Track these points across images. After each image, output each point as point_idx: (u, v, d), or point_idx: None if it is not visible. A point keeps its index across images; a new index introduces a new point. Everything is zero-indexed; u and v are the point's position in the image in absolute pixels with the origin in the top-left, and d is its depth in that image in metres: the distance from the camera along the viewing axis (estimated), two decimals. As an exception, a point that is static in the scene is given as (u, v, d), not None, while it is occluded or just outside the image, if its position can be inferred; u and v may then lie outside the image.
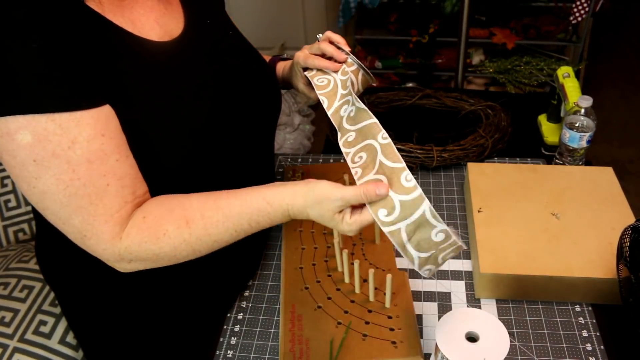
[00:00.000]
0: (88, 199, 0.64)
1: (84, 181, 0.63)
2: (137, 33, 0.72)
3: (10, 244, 1.23)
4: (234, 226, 0.70)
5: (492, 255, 0.90)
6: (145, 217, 0.68)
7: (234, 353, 0.85)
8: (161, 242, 0.67)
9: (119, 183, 0.66)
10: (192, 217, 0.68)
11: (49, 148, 0.61)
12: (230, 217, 0.69)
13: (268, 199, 0.69)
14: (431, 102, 1.41)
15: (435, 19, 2.51)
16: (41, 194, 0.63)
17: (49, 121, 0.61)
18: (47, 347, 0.96)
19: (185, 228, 0.68)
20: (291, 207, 0.69)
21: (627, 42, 3.32)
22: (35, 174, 0.62)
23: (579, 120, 1.10)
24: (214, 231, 0.69)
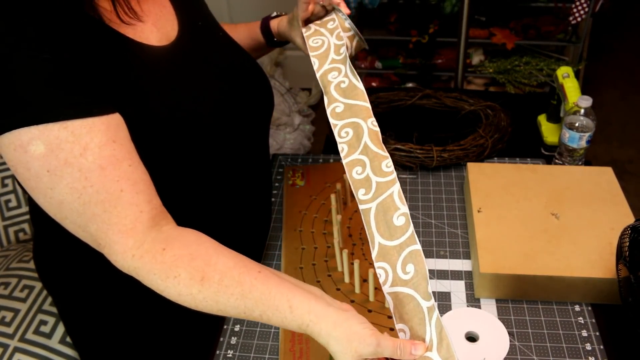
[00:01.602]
0: (102, 206, 0.63)
1: (97, 188, 0.62)
2: (137, 39, 0.72)
3: (10, 243, 1.23)
4: (244, 308, 0.64)
5: (492, 255, 0.90)
6: (165, 250, 0.64)
7: (234, 353, 0.85)
8: (168, 283, 0.64)
9: (133, 188, 0.65)
10: (210, 277, 0.63)
11: (62, 157, 0.61)
12: (246, 298, 0.63)
13: (293, 304, 0.63)
14: (431, 102, 1.41)
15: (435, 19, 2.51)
16: (58, 205, 0.63)
17: (62, 129, 0.60)
18: (47, 346, 0.96)
19: (198, 284, 0.63)
20: (313, 326, 0.62)
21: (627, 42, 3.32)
22: (50, 185, 0.61)
23: (579, 120, 1.10)
24: (222, 300, 0.64)
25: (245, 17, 2.71)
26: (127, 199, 0.64)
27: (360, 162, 0.73)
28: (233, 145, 0.81)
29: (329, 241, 1.01)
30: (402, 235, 0.65)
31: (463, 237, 1.03)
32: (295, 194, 1.13)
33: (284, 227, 1.05)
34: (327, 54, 0.82)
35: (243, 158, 0.85)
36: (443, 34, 2.52)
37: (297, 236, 1.03)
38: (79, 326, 0.91)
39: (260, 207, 0.95)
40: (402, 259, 0.65)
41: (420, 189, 1.14)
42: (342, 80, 0.79)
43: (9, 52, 0.59)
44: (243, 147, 0.84)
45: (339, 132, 0.75)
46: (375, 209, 0.68)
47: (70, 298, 0.89)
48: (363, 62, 2.67)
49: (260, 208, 0.95)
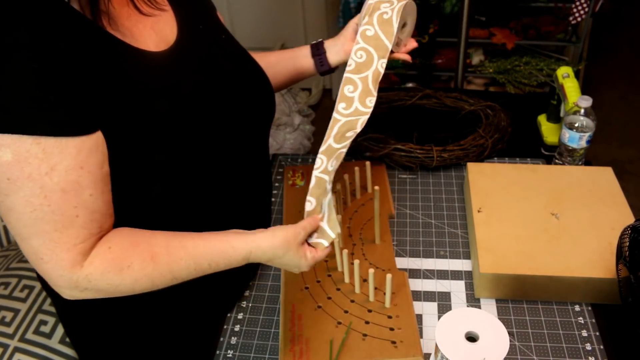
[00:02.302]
0: (53, 226, 0.63)
1: (53, 208, 0.63)
2: (134, 43, 0.71)
3: (10, 243, 1.23)
4: (194, 265, 0.72)
5: (492, 255, 0.90)
6: (110, 248, 0.68)
7: (234, 353, 0.85)
8: (124, 274, 0.67)
9: (89, 217, 0.66)
10: (158, 253, 0.70)
11: (26, 170, 0.61)
12: (194, 256, 0.72)
13: (233, 244, 0.74)
14: (431, 102, 1.41)
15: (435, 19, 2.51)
16: (7, 210, 0.63)
17: (34, 144, 0.60)
18: (47, 346, 0.96)
19: (150, 262, 0.69)
20: (255, 251, 0.74)
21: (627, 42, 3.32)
22: (6, 191, 0.62)
23: (579, 120, 1.10)
24: (175, 268, 0.71)
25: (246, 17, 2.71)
26: (80, 224, 0.65)
27: (354, 84, 0.88)
28: (233, 147, 0.81)
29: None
30: (343, 145, 0.83)
31: (463, 237, 1.03)
32: (295, 194, 1.13)
33: (284, 227, 1.05)
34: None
35: (243, 160, 0.85)
36: (443, 34, 2.51)
37: (297, 236, 1.02)
38: (78, 327, 0.91)
39: (260, 207, 0.95)
40: (334, 157, 0.82)
41: (420, 189, 1.14)
42: (386, 12, 0.89)
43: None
44: (243, 150, 0.84)
45: (356, 50, 0.89)
46: (343, 123, 0.85)
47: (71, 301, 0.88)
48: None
49: (260, 208, 0.95)
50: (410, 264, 0.98)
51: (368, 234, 1.02)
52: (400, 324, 0.85)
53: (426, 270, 0.97)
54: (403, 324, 0.85)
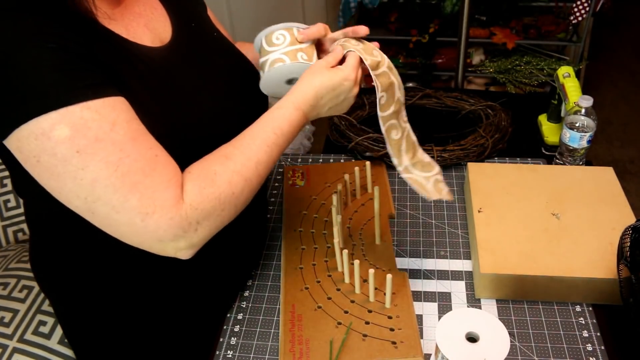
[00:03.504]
0: (142, 173, 0.62)
1: (134, 157, 0.62)
2: (132, 39, 0.72)
3: (9, 244, 1.23)
4: (263, 142, 0.72)
5: (492, 255, 0.90)
6: (190, 172, 0.68)
7: (233, 353, 0.85)
8: (217, 182, 0.68)
9: (164, 154, 0.66)
10: (228, 152, 0.71)
11: (91, 135, 0.60)
12: (256, 134, 0.73)
13: (277, 104, 0.76)
14: (431, 102, 1.41)
15: (435, 19, 2.51)
16: (91, 184, 0.61)
17: (84, 109, 0.60)
18: (46, 347, 0.96)
19: (229, 160, 0.70)
20: (296, 93, 0.76)
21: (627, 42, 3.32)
22: (81, 165, 0.60)
23: (580, 120, 1.10)
24: (251, 153, 0.71)
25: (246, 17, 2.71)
26: (162, 161, 0.65)
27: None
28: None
29: (329, 241, 1.01)
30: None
31: (463, 237, 1.03)
32: (295, 194, 1.13)
33: (284, 227, 1.05)
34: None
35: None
36: (443, 34, 2.52)
37: (297, 236, 1.02)
38: (77, 327, 0.91)
39: (257, 206, 0.95)
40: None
41: (420, 189, 1.14)
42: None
43: (14, 45, 0.59)
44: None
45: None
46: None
47: (68, 299, 0.88)
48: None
49: (257, 208, 0.95)
50: (411, 264, 0.98)
51: (368, 234, 1.02)
52: (400, 325, 0.85)
53: (426, 271, 0.97)
54: (403, 324, 0.85)
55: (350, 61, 0.80)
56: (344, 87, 0.79)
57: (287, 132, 0.75)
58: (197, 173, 0.68)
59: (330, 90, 0.78)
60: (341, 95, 0.79)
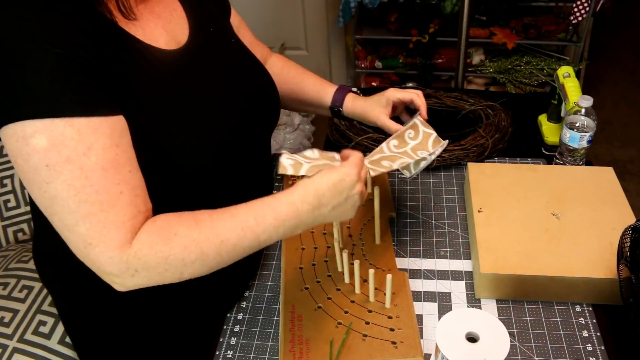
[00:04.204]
0: (99, 206, 0.63)
1: (96, 188, 0.62)
2: (147, 40, 0.72)
3: (9, 244, 1.23)
4: (240, 223, 0.68)
5: (492, 255, 0.90)
6: (155, 221, 0.67)
7: (233, 353, 0.85)
8: (172, 243, 0.65)
9: (132, 192, 0.65)
10: (201, 219, 0.68)
11: (64, 153, 0.60)
12: (237, 215, 0.69)
13: (274, 195, 0.72)
14: (431, 102, 1.41)
15: (436, 19, 2.51)
16: (51, 199, 0.62)
17: (67, 126, 0.60)
18: (46, 347, 0.96)
19: (195, 227, 0.67)
20: (298, 188, 0.72)
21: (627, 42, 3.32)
22: (47, 179, 0.61)
23: (580, 120, 1.10)
24: (221, 230, 0.68)
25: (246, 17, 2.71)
26: (126, 201, 0.64)
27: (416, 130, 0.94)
28: (237, 149, 0.81)
29: (329, 241, 1.01)
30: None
31: (463, 237, 1.03)
32: (295, 194, 1.12)
33: (283, 227, 1.05)
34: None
35: (246, 163, 0.85)
36: (443, 34, 2.51)
37: (297, 236, 1.02)
38: (79, 325, 0.91)
39: None
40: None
41: (420, 189, 1.14)
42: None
43: (22, 44, 0.59)
44: (247, 153, 0.84)
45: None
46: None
47: (70, 297, 0.89)
48: (363, 61, 2.67)
49: None
50: (411, 264, 0.98)
51: (368, 234, 1.02)
52: (400, 325, 0.85)
53: (426, 271, 0.97)
54: (403, 324, 0.85)
55: (352, 159, 0.76)
56: (345, 183, 0.73)
57: (269, 222, 0.69)
58: (159, 226, 0.67)
59: (330, 186, 0.72)
60: (343, 193, 0.73)
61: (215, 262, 0.69)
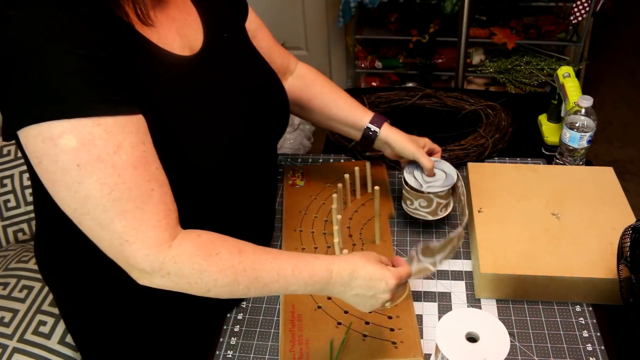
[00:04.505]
0: (133, 203, 0.63)
1: (129, 185, 0.62)
2: (161, 45, 0.72)
3: (9, 244, 1.23)
4: (278, 268, 0.70)
5: (492, 255, 0.90)
6: (200, 235, 0.68)
7: (233, 353, 0.85)
8: (211, 261, 0.67)
9: (162, 190, 0.66)
10: (245, 249, 0.70)
11: (94, 152, 0.60)
12: (278, 259, 0.71)
13: (317, 255, 0.75)
14: (431, 102, 1.41)
15: (436, 19, 2.51)
16: (83, 199, 0.62)
17: (95, 125, 0.60)
18: (46, 347, 0.96)
19: (237, 256, 0.69)
20: (337, 261, 0.74)
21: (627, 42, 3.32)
22: (77, 179, 0.61)
23: (580, 120, 1.10)
24: (259, 267, 0.70)
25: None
26: (157, 198, 0.65)
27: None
28: (245, 157, 0.81)
29: (329, 241, 1.01)
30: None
31: (463, 237, 1.02)
32: (295, 194, 1.13)
33: (284, 227, 1.05)
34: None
35: (253, 169, 0.85)
36: (443, 34, 2.51)
37: (297, 236, 1.02)
38: (80, 324, 0.91)
39: (265, 212, 0.95)
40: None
41: (420, 188, 1.14)
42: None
43: (44, 44, 0.59)
44: (254, 160, 0.85)
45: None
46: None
47: (72, 296, 0.89)
48: (363, 61, 2.67)
49: (265, 213, 0.95)
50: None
51: (368, 234, 1.02)
52: (400, 325, 0.85)
53: (426, 271, 0.96)
54: (403, 324, 0.85)
55: (400, 270, 0.78)
56: (381, 285, 0.75)
57: (303, 279, 0.72)
58: (203, 240, 0.68)
59: (367, 279, 0.74)
60: (372, 290, 0.75)
61: (241, 293, 0.70)
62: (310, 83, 1.05)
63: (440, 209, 1.00)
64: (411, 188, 0.98)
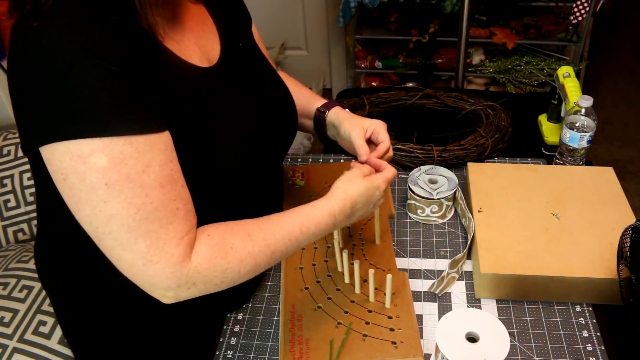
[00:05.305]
0: (159, 223, 0.62)
1: (156, 205, 0.62)
2: (182, 56, 0.72)
3: (9, 244, 1.23)
4: (288, 234, 0.73)
5: (492, 255, 0.90)
6: (209, 235, 0.68)
7: (233, 353, 0.85)
8: (229, 257, 0.68)
9: (186, 207, 0.66)
10: (252, 230, 0.71)
11: (124, 171, 0.60)
12: (284, 226, 0.73)
13: (314, 204, 0.77)
14: (431, 102, 1.41)
15: (436, 19, 2.51)
16: (108, 218, 0.60)
17: (126, 144, 0.60)
18: (46, 347, 0.96)
19: (249, 240, 0.69)
20: (334, 195, 0.78)
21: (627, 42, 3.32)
22: (104, 198, 0.60)
23: (580, 120, 1.10)
24: (271, 240, 0.71)
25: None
26: (181, 216, 0.65)
27: None
28: (257, 165, 0.82)
29: (329, 241, 1.01)
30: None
31: (463, 237, 1.03)
32: (295, 194, 1.13)
33: (283, 227, 1.05)
34: None
35: (261, 177, 0.86)
36: (443, 34, 2.51)
37: (297, 236, 1.02)
38: (77, 328, 0.90)
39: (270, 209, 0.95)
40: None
41: (420, 188, 1.14)
42: None
43: (75, 57, 0.58)
44: (265, 167, 0.86)
45: None
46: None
47: (71, 301, 0.88)
48: (363, 61, 2.67)
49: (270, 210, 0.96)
50: (411, 264, 0.98)
51: (368, 234, 1.02)
52: (400, 325, 0.85)
53: (426, 271, 0.97)
54: (403, 324, 0.85)
55: (386, 174, 0.83)
56: (375, 196, 0.81)
57: (312, 232, 0.75)
58: (215, 240, 0.68)
59: (364, 200, 0.80)
60: (370, 204, 0.82)
61: (264, 269, 0.73)
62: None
63: (448, 211, 1.05)
64: (422, 197, 1.02)
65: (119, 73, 0.60)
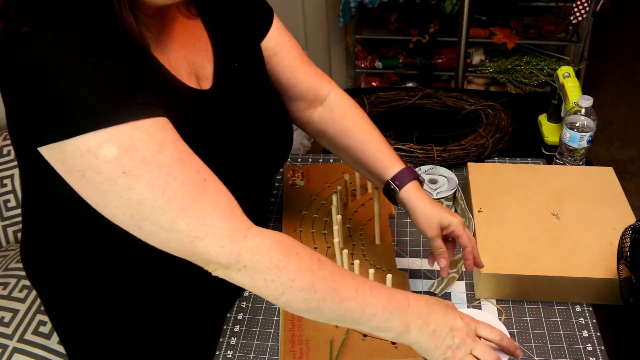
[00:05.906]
0: (190, 198, 0.60)
1: (181, 181, 0.60)
2: (171, 70, 0.71)
3: (9, 244, 1.23)
4: (356, 285, 0.66)
5: (493, 255, 0.90)
6: (277, 234, 0.65)
7: (233, 353, 0.85)
8: (290, 259, 0.63)
9: (213, 178, 0.63)
10: (324, 260, 0.67)
11: (138, 156, 0.58)
12: (356, 277, 0.67)
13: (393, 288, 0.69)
14: (431, 102, 1.41)
15: (436, 19, 2.51)
16: (137, 205, 0.59)
17: (134, 129, 0.58)
18: (46, 347, 0.96)
19: (317, 262, 0.65)
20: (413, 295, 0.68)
21: (627, 42, 3.32)
22: (127, 186, 0.58)
23: (580, 120, 1.10)
24: (338, 279, 0.65)
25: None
26: (213, 187, 0.62)
27: None
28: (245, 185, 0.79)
29: (329, 241, 1.01)
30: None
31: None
32: (295, 194, 1.13)
33: (283, 227, 1.05)
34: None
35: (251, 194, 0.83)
36: (443, 34, 2.51)
37: (297, 236, 1.02)
38: (73, 329, 0.89)
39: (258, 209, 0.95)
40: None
41: (420, 188, 1.14)
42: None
43: (70, 57, 0.57)
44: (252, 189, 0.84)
45: None
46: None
47: (63, 300, 0.86)
48: (363, 61, 2.67)
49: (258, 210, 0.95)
50: (411, 264, 0.98)
51: (368, 234, 1.02)
52: (400, 325, 0.85)
53: (426, 271, 0.97)
54: (403, 324, 0.85)
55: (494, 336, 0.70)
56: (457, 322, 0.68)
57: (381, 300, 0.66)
58: (282, 237, 0.65)
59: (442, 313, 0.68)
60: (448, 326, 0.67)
61: (315, 303, 0.64)
62: (338, 118, 0.92)
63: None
64: None
65: (113, 66, 0.59)
